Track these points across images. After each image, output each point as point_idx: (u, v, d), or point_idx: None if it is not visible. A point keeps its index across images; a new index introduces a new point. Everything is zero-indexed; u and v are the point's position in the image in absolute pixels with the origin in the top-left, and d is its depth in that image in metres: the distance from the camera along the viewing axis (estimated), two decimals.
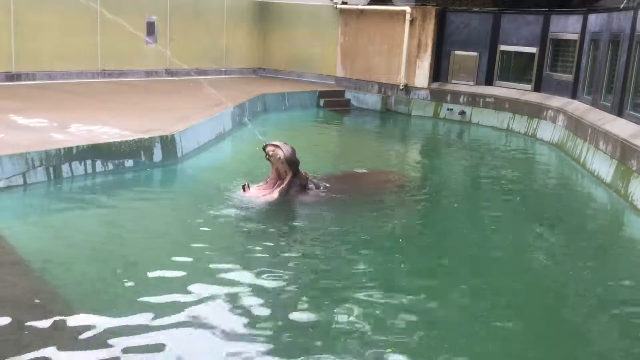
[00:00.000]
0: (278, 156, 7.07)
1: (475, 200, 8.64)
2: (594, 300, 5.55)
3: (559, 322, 5.07)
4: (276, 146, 7.11)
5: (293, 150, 7.17)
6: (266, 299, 4.88)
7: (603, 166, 9.59)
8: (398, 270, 5.71)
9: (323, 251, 5.95)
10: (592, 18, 12.83)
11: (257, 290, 5.02)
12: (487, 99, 14.98)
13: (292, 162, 7.15)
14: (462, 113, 15.24)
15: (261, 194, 7.14)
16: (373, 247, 6.22)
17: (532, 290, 5.67)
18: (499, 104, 14.74)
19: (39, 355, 3.93)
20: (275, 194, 7.09)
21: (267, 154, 7.15)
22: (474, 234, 6.98)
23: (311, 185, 7.52)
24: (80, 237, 6.05)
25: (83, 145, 7.83)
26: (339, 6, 17.12)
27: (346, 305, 4.85)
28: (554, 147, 12.44)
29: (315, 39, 17.63)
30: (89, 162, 7.83)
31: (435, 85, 15.94)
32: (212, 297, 4.84)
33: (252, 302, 4.82)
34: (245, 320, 4.55)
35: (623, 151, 8.94)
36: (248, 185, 7.22)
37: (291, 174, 7.18)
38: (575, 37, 13.43)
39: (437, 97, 15.84)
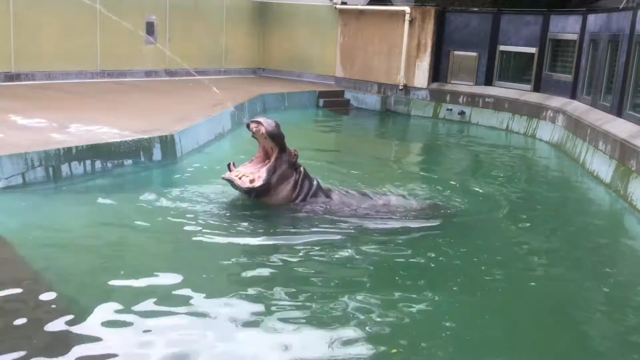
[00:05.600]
0: (261, 132, 6.92)
1: (473, 200, 8.61)
2: (595, 300, 5.56)
3: (558, 325, 5.06)
4: (258, 122, 6.95)
5: (276, 124, 6.99)
6: (263, 301, 4.89)
7: (602, 166, 9.59)
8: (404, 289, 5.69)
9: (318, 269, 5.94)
10: (592, 18, 12.83)
11: (254, 293, 5.02)
12: (487, 99, 14.98)
13: (275, 136, 6.96)
14: (462, 113, 15.24)
15: (249, 172, 6.96)
16: (376, 258, 6.21)
17: (531, 292, 5.66)
18: (498, 104, 14.75)
19: (37, 355, 3.93)
20: (262, 174, 6.90)
21: (251, 131, 7.05)
22: (471, 234, 6.97)
23: (320, 195, 7.32)
24: (79, 237, 6.05)
25: (82, 146, 7.82)
26: (338, 6, 17.12)
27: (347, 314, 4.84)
28: (554, 148, 12.44)
29: (314, 39, 17.63)
30: (88, 162, 7.82)
31: (434, 85, 15.94)
32: (210, 299, 4.84)
33: (249, 303, 4.83)
34: (241, 321, 4.54)
35: (622, 151, 8.94)
36: (234, 164, 7.07)
37: (278, 150, 7.01)
38: (574, 37, 13.44)
39: (437, 97, 15.85)
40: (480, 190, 9.10)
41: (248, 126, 7.05)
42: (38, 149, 7.38)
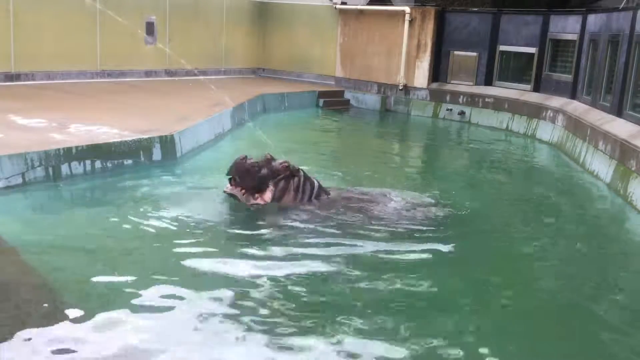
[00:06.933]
0: (242, 193, 6.91)
1: (473, 201, 8.62)
2: (595, 301, 5.56)
3: (558, 327, 5.07)
4: (232, 186, 6.91)
5: (251, 177, 6.83)
6: (259, 304, 4.89)
7: (602, 166, 9.59)
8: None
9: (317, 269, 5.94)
10: (592, 18, 12.84)
11: (254, 294, 5.02)
12: (487, 99, 14.99)
13: (257, 188, 6.89)
14: (462, 113, 15.25)
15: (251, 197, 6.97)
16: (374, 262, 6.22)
17: (531, 293, 5.66)
18: (498, 104, 14.76)
19: (35, 355, 3.93)
20: (266, 197, 6.89)
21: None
22: (472, 235, 6.97)
23: (322, 195, 7.31)
24: (79, 237, 6.04)
25: (82, 146, 7.82)
26: (338, 6, 17.13)
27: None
28: (554, 147, 12.45)
29: (314, 39, 17.64)
30: (88, 162, 7.82)
31: (434, 85, 15.95)
32: (209, 301, 4.83)
33: (249, 305, 4.83)
34: (239, 324, 4.54)
35: (622, 151, 8.95)
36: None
37: (270, 186, 6.94)
38: (574, 37, 13.44)
39: (437, 97, 15.85)
40: (481, 191, 9.12)
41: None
42: (38, 149, 7.37)
